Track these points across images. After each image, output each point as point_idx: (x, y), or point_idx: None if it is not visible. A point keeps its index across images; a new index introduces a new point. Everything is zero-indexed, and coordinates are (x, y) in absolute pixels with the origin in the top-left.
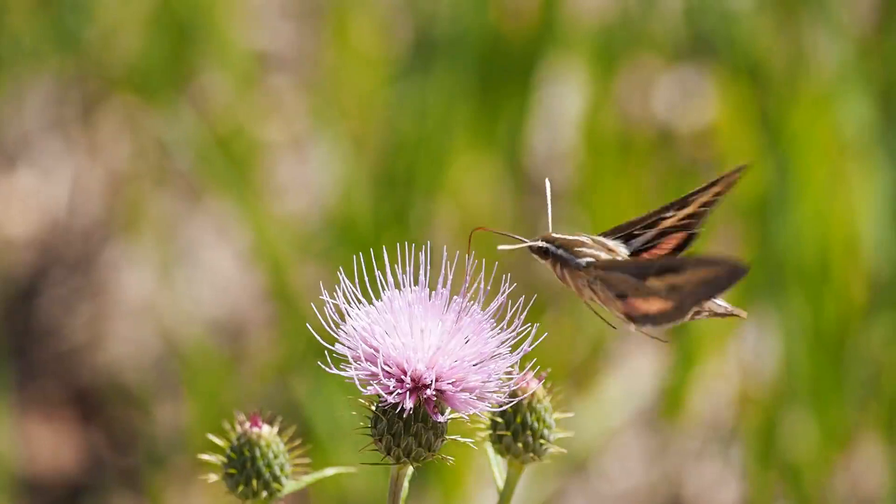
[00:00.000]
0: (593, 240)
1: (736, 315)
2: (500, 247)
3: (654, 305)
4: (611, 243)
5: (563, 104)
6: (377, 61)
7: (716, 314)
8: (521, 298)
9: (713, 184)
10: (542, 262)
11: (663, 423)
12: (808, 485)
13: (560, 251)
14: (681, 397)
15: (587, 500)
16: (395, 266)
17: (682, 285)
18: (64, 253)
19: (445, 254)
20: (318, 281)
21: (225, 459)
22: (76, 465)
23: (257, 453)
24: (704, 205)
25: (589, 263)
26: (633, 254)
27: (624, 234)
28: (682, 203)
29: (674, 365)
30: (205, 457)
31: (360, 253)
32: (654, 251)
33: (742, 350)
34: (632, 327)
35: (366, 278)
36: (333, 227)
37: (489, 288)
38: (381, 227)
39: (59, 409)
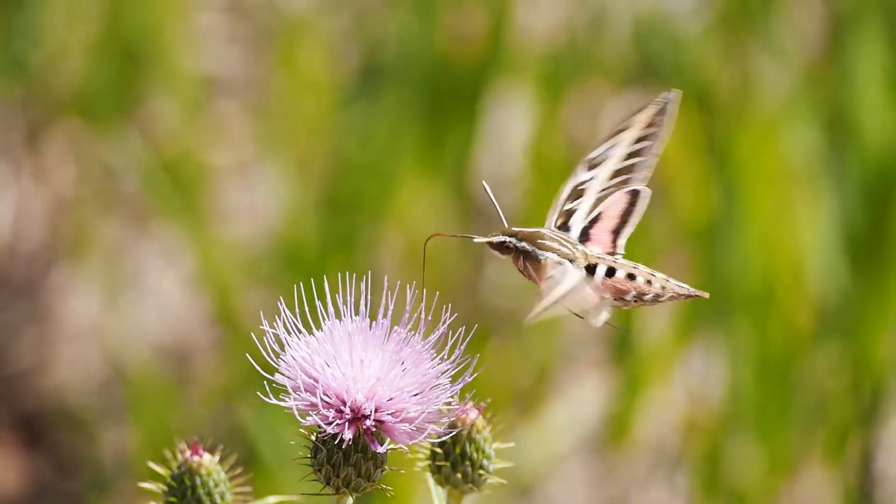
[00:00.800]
0: (551, 231)
1: (699, 296)
2: (476, 238)
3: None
4: (564, 235)
5: (511, 129)
6: (324, 86)
7: (679, 295)
8: (462, 329)
9: (621, 129)
10: (503, 257)
11: (609, 448)
12: None
13: (522, 244)
14: (627, 423)
15: None
16: (337, 295)
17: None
18: (9, 277)
19: (386, 283)
20: (264, 306)
21: (165, 488)
22: (21, 489)
23: (198, 482)
24: (634, 154)
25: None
26: (583, 233)
27: (561, 215)
28: (590, 163)
29: (619, 390)
30: (145, 485)
31: (302, 282)
32: (600, 224)
33: (688, 376)
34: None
35: (306, 308)
36: (280, 252)
37: (430, 318)
38: (327, 252)
39: (4, 433)
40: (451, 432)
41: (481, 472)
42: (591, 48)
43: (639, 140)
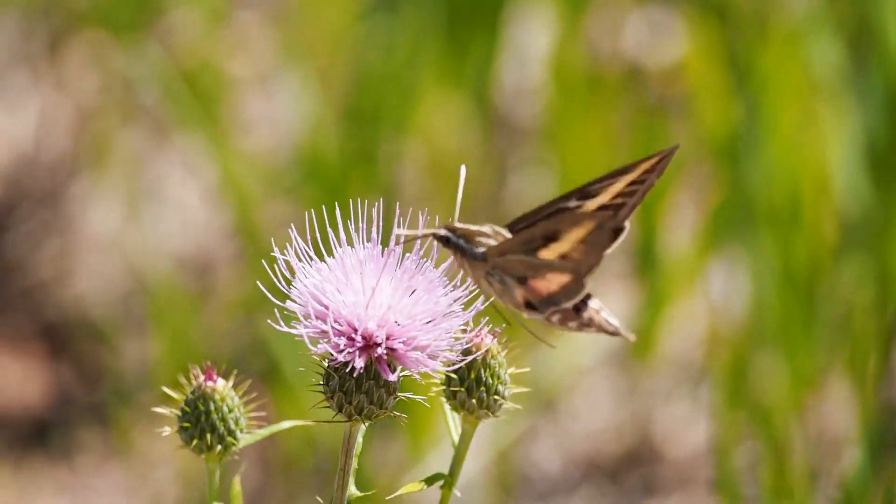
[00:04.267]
0: (495, 230)
1: (623, 336)
2: (397, 231)
3: (553, 282)
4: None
5: (532, 41)
6: None
7: (604, 331)
8: None
9: (624, 171)
10: (446, 250)
11: (633, 362)
12: (777, 425)
13: (460, 241)
14: (651, 337)
15: (557, 440)
16: (349, 222)
17: (569, 252)
18: (31, 188)
19: (398, 210)
20: (285, 218)
21: (179, 413)
22: (43, 399)
23: (211, 407)
24: (620, 195)
25: (485, 252)
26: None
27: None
28: (584, 192)
29: (644, 305)
30: (159, 409)
31: (322, 196)
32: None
33: (712, 290)
34: (531, 317)
35: (318, 235)
36: (301, 164)
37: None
38: (348, 165)
39: (27, 343)
40: (463, 360)
41: (496, 397)
42: None
43: (633, 183)
